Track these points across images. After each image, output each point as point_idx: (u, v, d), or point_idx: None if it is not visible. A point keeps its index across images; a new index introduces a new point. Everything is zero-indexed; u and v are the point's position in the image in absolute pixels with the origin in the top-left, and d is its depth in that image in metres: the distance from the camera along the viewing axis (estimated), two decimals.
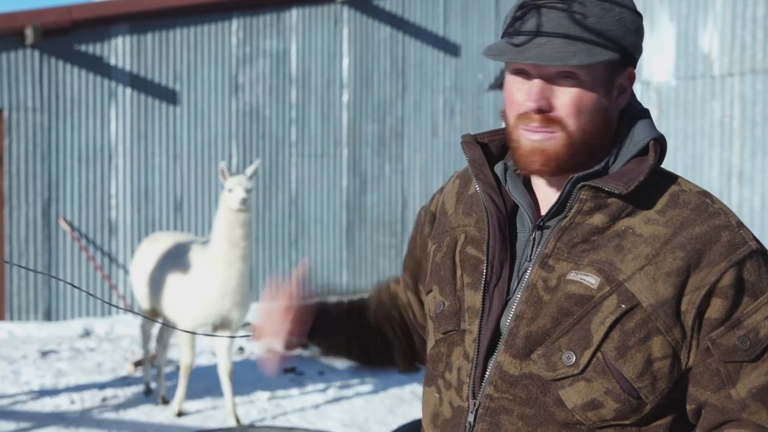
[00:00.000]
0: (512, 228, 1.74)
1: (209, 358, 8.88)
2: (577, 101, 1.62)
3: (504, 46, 1.63)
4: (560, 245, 1.65)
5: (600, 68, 1.63)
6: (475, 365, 1.69)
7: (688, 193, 1.67)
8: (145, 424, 6.71)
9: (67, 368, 8.44)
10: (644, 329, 1.59)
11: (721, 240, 1.60)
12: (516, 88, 1.66)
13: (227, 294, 6.54)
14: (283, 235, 11.84)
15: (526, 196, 1.72)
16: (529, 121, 1.63)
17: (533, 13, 1.61)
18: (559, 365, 1.62)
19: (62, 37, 10.66)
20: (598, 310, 1.60)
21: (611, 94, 1.66)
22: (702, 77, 10.47)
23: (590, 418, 1.61)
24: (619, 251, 1.62)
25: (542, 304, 1.64)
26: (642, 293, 1.59)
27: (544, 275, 1.65)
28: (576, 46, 1.59)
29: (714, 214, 1.63)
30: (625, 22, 1.64)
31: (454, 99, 12.81)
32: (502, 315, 1.69)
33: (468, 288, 1.74)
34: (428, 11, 12.65)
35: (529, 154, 1.64)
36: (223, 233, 6.54)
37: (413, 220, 13.18)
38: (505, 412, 1.66)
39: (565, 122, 1.62)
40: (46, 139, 10.66)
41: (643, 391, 1.60)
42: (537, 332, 1.63)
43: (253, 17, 11.64)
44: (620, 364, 1.59)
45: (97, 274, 10.87)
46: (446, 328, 1.77)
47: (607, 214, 1.64)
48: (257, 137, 11.69)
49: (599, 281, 1.61)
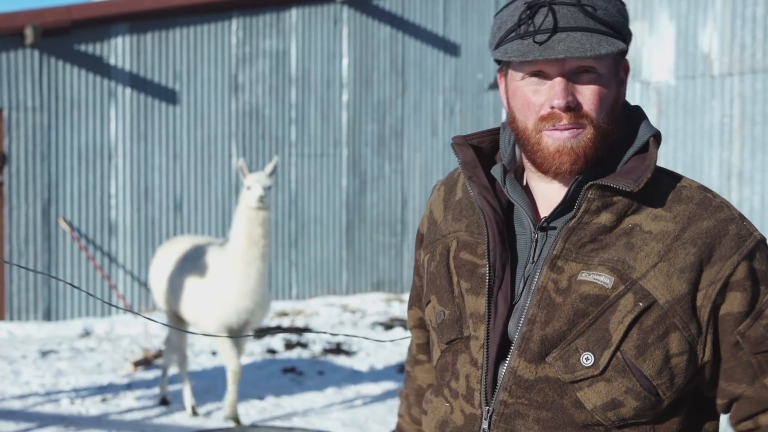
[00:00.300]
0: (509, 230, 1.73)
1: (209, 357, 8.88)
2: (599, 95, 1.62)
3: (524, 47, 1.60)
4: (569, 246, 1.64)
5: (610, 60, 1.64)
6: (486, 371, 1.67)
7: (689, 188, 1.67)
8: (145, 424, 6.71)
9: (67, 368, 8.44)
10: (662, 326, 1.59)
11: (729, 233, 1.61)
12: (532, 90, 1.64)
13: (247, 294, 6.39)
14: (283, 234, 11.84)
15: (525, 197, 1.70)
16: (556, 121, 1.61)
17: (545, 11, 1.59)
18: (577, 367, 1.61)
19: (62, 36, 10.66)
20: (614, 310, 1.60)
21: (619, 86, 1.67)
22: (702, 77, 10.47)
23: (610, 418, 1.61)
24: (630, 249, 1.61)
25: (555, 307, 1.63)
26: (658, 290, 1.59)
27: (554, 277, 1.64)
28: (596, 38, 1.59)
29: (718, 207, 1.64)
30: (623, 12, 1.66)
31: (454, 99, 12.81)
32: (508, 319, 1.67)
33: (468, 294, 1.72)
34: (428, 11, 12.65)
35: (557, 154, 1.62)
36: (242, 231, 6.42)
37: (413, 219, 13.23)
38: (520, 417, 1.64)
39: (592, 116, 1.61)
40: (46, 138, 10.66)
41: (661, 387, 1.61)
42: (552, 335, 1.62)
43: (252, 17, 11.64)
44: (640, 362, 1.59)
45: (97, 274, 10.87)
46: (449, 337, 1.75)
47: (613, 212, 1.64)
48: (257, 137, 11.69)
49: (613, 280, 1.60)
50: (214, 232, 11.44)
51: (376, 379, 7.97)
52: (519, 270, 1.69)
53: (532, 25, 1.59)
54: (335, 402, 7.33)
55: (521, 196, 1.70)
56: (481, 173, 1.73)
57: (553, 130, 1.62)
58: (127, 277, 11.07)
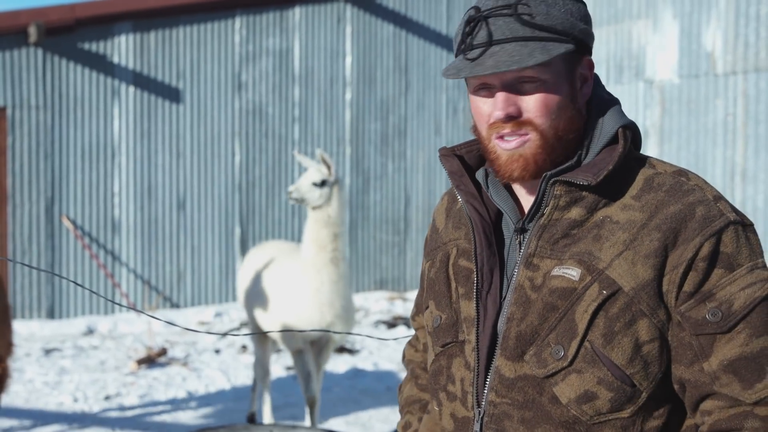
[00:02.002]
0: (499, 234, 1.75)
1: (211, 356, 8.88)
2: (544, 102, 1.63)
3: (460, 64, 1.63)
4: (542, 243, 1.66)
5: (558, 64, 1.63)
6: (477, 373, 1.70)
7: (663, 174, 1.67)
8: (148, 422, 6.71)
9: (71, 366, 8.45)
10: (628, 313, 1.59)
11: (696, 215, 1.60)
12: (482, 102, 1.67)
13: (322, 304, 5.66)
14: (287, 233, 11.83)
15: (509, 200, 1.73)
16: (500, 129, 1.64)
17: (481, 25, 1.62)
18: (549, 361, 1.62)
19: (65, 35, 10.67)
20: (581, 301, 1.60)
21: (575, 86, 1.67)
22: (705, 75, 10.46)
23: (586, 412, 1.61)
24: (597, 240, 1.62)
25: (530, 303, 1.65)
26: (622, 278, 1.59)
27: (530, 275, 1.66)
28: (530, 47, 1.59)
29: (689, 191, 1.63)
30: (571, 12, 1.65)
31: (457, 97, 12.80)
32: (497, 321, 1.69)
33: (463, 299, 1.75)
34: (431, 9, 12.65)
35: (507, 162, 1.65)
36: (309, 234, 5.82)
37: (416, 218, 13.20)
38: (507, 418, 1.66)
39: (536, 122, 1.63)
40: (49, 137, 10.67)
41: (636, 377, 1.59)
42: (526, 331, 1.64)
43: (256, 15, 11.64)
44: (608, 350, 1.59)
45: (100, 272, 10.88)
46: (444, 341, 1.77)
47: (583, 206, 1.65)
48: (260, 135, 11.69)
49: (580, 272, 1.61)
50: (217, 230, 11.45)
51: (379, 378, 7.96)
52: (506, 273, 1.72)
53: (470, 41, 1.62)
54: (338, 400, 7.33)
55: (505, 200, 1.73)
56: (468, 181, 1.76)
57: (500, 139, 1.65)
58: (130, 275, 11.08)
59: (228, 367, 8.36)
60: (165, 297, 11.23)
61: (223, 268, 11.50)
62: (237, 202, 11.53)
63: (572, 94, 1.66)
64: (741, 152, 10.15)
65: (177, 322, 10.21)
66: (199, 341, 9.46)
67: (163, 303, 11.23)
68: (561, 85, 1.64)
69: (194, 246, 11.37)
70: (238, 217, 11.56)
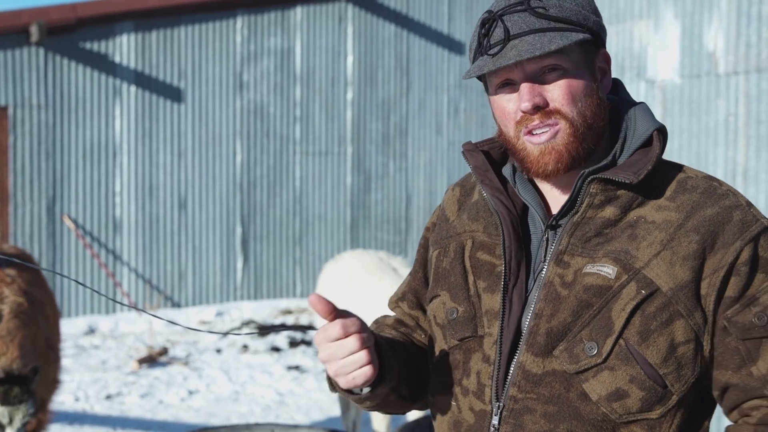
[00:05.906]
0: (524, 229, 1.74)
1: (212, 355, 8.89)
2: (568, 89, 1.64)
3: (481, 62, 1.65)
4: (574, 241, 1.65)
5: (577, 53, 1.65)
6: (498, 367, 1.68)
7: (694, 178, 1.69)
8: (149, 422, 6.71)
9: (72, 365, 8.45)
10: (665, 313, 1.59)
11: (734, 219, 1.61)
12: (506, 100, 1.68)
13: None
14: (288, 232, 11.84)
15: (536, 196, 1.73)
16: (528, 123, 1.65)
17: (497, 24, 1.64)
18: (581, 357, 1.61)
19: (67, 34, 10.67)
20: (617, 299, 1.60)
21: (596, 76, 1.69)
22: (707, 75, 10.46)
23: (616, 410, 1.60)
24: (633, 240, 1.62)
25: (560, 300, 1.64)
26: (661, 278, 1.59)
27: (560, 272, 1.65)
28: (549, 36, 1.61)
29: (723, 195, 1.65)
30: (582, 5, 1.67)
31: (459, 97, 12.80)
32: (522, 315, 1.68)
33: (485, 292, 1.73)
34: (433, 9, 12.64)
35: (540, 156, 1.65)
36: None
37: (417, 217, 13.20)
38: (528, 412, 1.65)
39: (564, 111, 1.64)
40: (51, 136, 10.68)
41: (669, 378, 1.59)
42: (558, 327, 1.63)
43: (257, 15, 11.64)
44: (643, 348, 1.59)
45: (102, 271, 10.88)
46: (462, 335, 1.75)
47: (618, 206, 1.65)
48: (261, 135, 11.69)
49: (616, 270, 1.61)
50: (218, 230, 11.45)
51: None
52: (532, 268, 1.71)
53: (487, 42, 1.65)
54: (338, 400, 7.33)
55: (533, 195, 1.73)
56: (493, 176, 1.76)
57: (530, 134, 1.65)
58: (132, 274, 11.09)
59: (229, 367, 8.36)
60: (166, 296, 11.24)
61: (225, 267, 11.50)
62: (238, 202, 11.53)
63: (594, 84, 1.68)
64: (743, 152, 10.16)
65: (178, 322, 10.21)
66: (201, 340, 9.47)
67: (165, 302, 11.23)
68: (583, 74, 1.66)
69: (195, 245, 11.37)
70: (239, 216, 11.56)
